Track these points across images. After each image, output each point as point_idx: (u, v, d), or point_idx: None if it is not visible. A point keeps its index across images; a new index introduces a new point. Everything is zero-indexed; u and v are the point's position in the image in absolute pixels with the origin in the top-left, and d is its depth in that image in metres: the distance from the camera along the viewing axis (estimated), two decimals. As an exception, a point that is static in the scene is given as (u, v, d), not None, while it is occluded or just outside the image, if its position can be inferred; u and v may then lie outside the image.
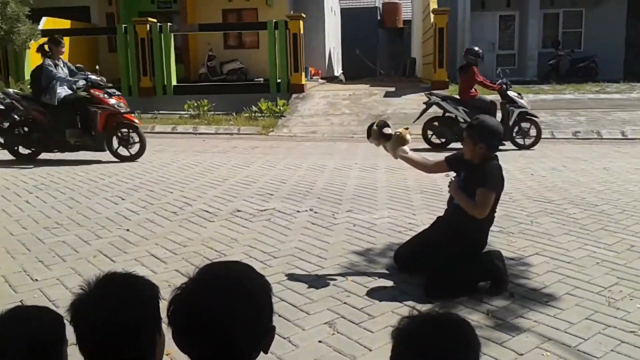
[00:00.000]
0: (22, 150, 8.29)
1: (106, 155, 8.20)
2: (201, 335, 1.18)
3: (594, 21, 18.86)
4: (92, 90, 7.88)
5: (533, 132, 9.36)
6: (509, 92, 9.30)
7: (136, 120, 8.27)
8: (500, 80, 9.51)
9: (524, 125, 9.39)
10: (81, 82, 7.91)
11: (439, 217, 3.98)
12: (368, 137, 4.02)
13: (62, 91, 7.94)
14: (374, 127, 3.86)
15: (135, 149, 8.19)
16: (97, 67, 8.67)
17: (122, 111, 8.02)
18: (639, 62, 17.92)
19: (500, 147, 4.30)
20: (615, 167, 7.54)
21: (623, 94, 14.17)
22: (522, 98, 9.41)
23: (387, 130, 3.82)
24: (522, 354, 2.75)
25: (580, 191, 6.10)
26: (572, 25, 19.41)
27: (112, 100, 7.95)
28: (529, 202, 5.68)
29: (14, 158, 8.23)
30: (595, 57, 17.86)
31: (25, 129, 8.22)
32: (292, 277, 3.74)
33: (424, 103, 9.74)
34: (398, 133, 3.80)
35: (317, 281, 3.66)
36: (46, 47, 7.97)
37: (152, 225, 4.95)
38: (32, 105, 8.00)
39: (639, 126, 10.85)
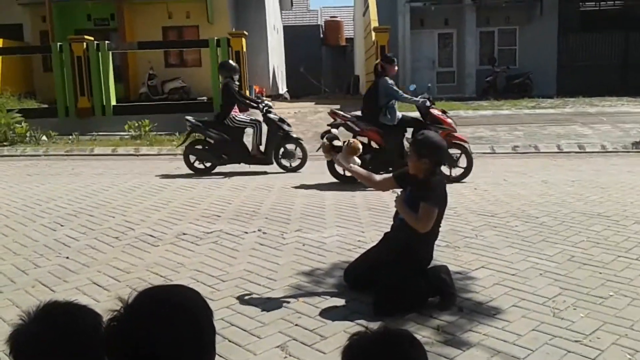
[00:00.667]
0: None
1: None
2: None
3: (527, 39, 19.71)
4: (431, 110, 7.69)
5: None
6: None
7: (465, 140, 8.03)
8: None
9: None
10: (427, 103, 7.67)
11: (386, 234, 4.00)
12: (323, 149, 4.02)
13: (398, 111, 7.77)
14: (324, 140, 3.88)
15: (458, 170, 7.85)
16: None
17: (456, 131, 7.87)
18: (570, 78, 18.80)
19: None
20: (553, 179, 7.82)
21: (557, 108, 14.82)
22: None
23: (337, 143, 3.85)
24: (473, 369, 2.77)
25: (521, 204, 6.29)
26: (507, 42, 20.22)
27: (449, 120, 7.80)
28: (473, 216, 5.80)
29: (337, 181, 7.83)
30: (529, 74, 18.65)
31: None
32: (241, 300, 3.67)
33: None
34: (350, 142, 3.81)
35: (268, 304, 3.61)
36: (379, 66, 7.81)
37: (93, 252, 4.76)
38: (369, 126, 7.73)
39: (573, 140, 11.34)
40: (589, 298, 3.59)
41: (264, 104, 8.98)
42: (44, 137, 12.63)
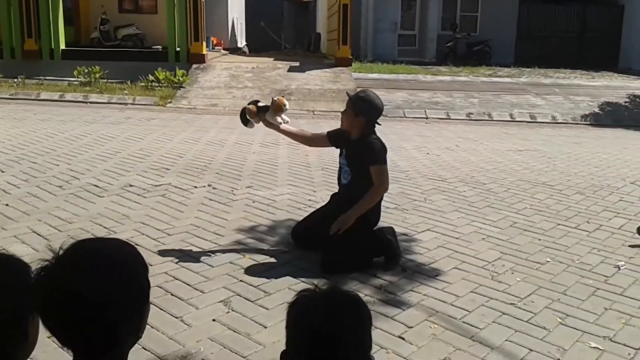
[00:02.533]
0: None
1: None
2: (73, 318, 1.08)
3: (489, 6, 19.73)
4: None
5: None
6: None
7: None
8: None
9: None
10: None
11: (334, 194, 4.01)
12: (245, 124, 3.92)
13: None
14: (248, 106, 3.80)
15: None
16: None
17: None
18: (528, 47, 19.03)
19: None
20: (503, 147, 7.98)
21: (513, 78, 15.01)
22: None
23: (261, 104, 3.80)
24: (411, 327, 2.84)
25: (470, 170, 6.40)
26: (469, 9, 20.19)
27: None
28: (424, 180, 5.87)
29: None
30: (489, 41, 18.75)
31: None
32: (186, 255, 3.63)
33: None
34: (275, 99, 3.75)
35: (213, 259, 3.58)
36: None
37: (34, 200, 4.61)
38: None
39: (526, 110, 11.55)
40: (527, 263, 3.71)
41: None
42: (-13, 79, 12.03)
